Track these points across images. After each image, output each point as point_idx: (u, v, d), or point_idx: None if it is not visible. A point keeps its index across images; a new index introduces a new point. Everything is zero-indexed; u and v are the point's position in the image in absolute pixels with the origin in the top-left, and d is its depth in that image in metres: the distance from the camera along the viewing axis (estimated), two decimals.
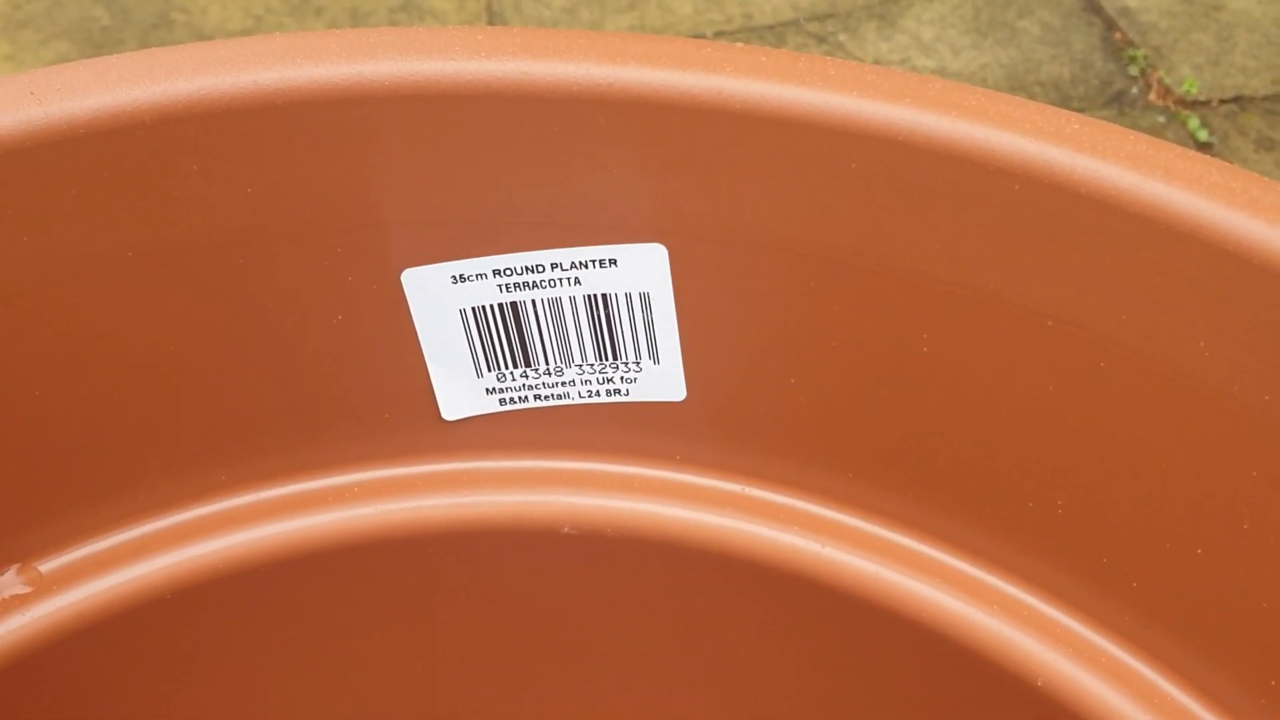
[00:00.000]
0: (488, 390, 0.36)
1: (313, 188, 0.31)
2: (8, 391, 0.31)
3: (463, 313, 0.34)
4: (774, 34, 1.32)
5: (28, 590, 0.35)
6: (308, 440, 0.36)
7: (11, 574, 0.35)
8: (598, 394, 0.36)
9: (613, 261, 0.33)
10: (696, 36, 1.33)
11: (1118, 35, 1.29)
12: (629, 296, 0.34)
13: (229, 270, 0.31)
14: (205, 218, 0.30)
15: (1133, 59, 1.26)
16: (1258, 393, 0.27)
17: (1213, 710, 0.33)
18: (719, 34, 1.33)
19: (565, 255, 0.33)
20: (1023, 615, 0.33)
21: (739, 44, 0.31)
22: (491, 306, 0.34)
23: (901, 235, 0.30)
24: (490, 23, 1.38)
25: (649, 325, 0.35)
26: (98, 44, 1.33)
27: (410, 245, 0.33)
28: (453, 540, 0.37)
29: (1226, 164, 0.28)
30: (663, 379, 0.36)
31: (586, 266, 0.33)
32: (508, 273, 0.33)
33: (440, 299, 0.34)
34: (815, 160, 0.29)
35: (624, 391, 0.36)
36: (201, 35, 1.35)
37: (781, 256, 0.31)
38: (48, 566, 0.35)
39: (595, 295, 0.34)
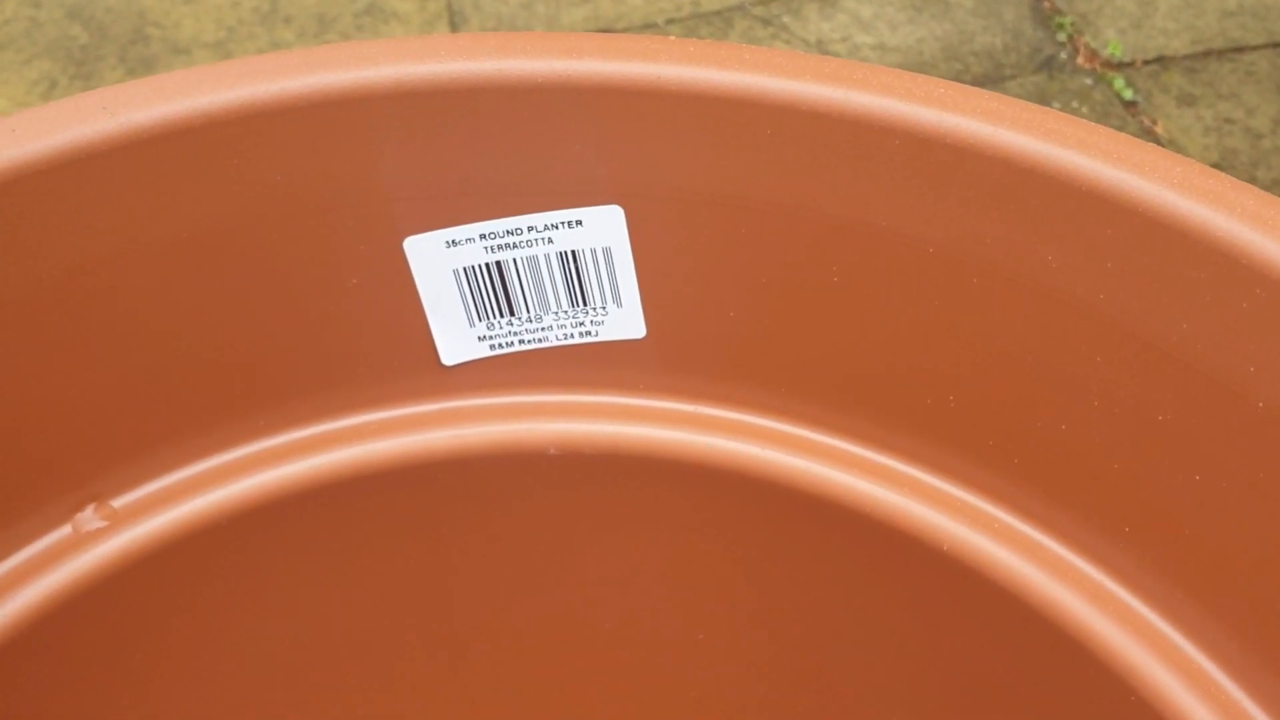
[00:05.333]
0: (479, 338, 0.42)
1: (329, 173, 0.37)
2: (84, 355, 0.38)
3: (456, 272, 0.40)
4: (721, 19, 1.38)
5: (104, 524, 0.40)
6: (330, 387, 0.42)
7: (90, 511, 0.40)
8: (572, 336, 0.42)
9: (579, 222, 0.39)
10: (648, 25, 1.40)
11: (1046, 4, 1.36)
12: (594, 251, 0.40)
13: (263, 245, 0.38)
14: (243, 203, 0.36)
15: (1060, 26, 1.33)
16: (1093, 291, 0.34)
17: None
18: (670, 21, 1.39)
19: (539, 219, 0.39)
20: (925, 492, 0.40)
21: (672, 37, 0.37)
22: (480, 266, 0.40)
23: (807, 185, 0.36)
24: (451, 20, 1.44)
25: (612, 275, 0.40)
26: (78, 61, 1.38)
27: (410, 217, 0.38)
28: (456, 466, 0.43)
29: (1064, 115, 0.35)
30: (625, 320, 0.42)
31: (557, 228, 0.39)
32: (492, 236, 0.39)
33: (437, 261, 0.40)
34: (737, 129, 0.35)
35: (593, 333, 0.42)
36: (177, 48, 1.40)
37: (715, 209, 0.38)
38: (120, 503, 0.41)
39: (566, 252, 0.40)
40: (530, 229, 0.39)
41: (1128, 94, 1.24)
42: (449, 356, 0.42)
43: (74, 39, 1.41)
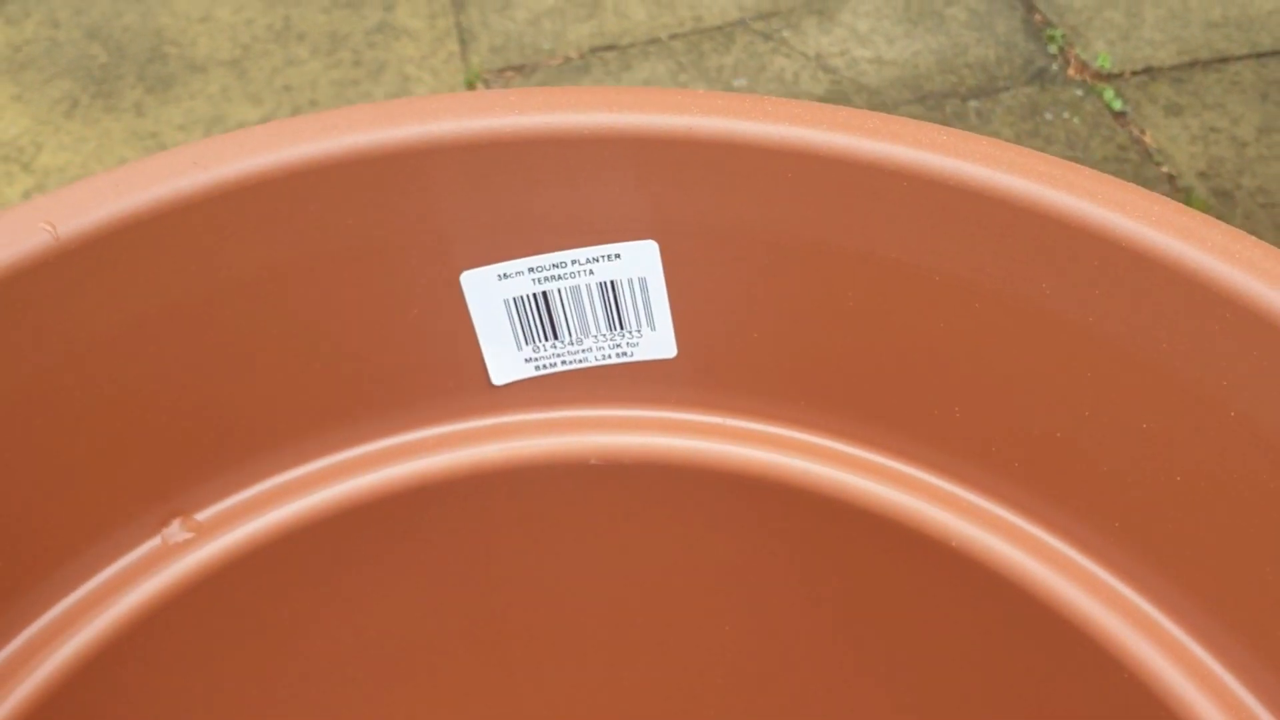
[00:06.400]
0: (526, 360, 0.45)
1: (396, 216, 0.40)
2: (173, 385, 0.42)
3: (506, 302, 0.43)
4: (723, 34, 1.42)
5: (190, 536, 0.44)
6: (392, 406, 0.46)
7: (176, 525, 0.44)
8: (610, 357, 0.45)
9: (617, 256, 0.42)
10: (652, 40, 1.44)
11: (1037, 17, 1.40)
12: (630, 281, 0.43)
13: (335, 280, 0.41)
14: (319, 244, 0.40)
15: (1051, 38, 1.37)
16: (1083, 315, 0.39)
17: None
18: (673, 36, 1.43)
19: (581, 253, 0.42)
20: (934, 494, 0.45)
21: (704, 90, 0.41)
22: (528, 295, 0.43)
23: (825, 222, 0.40)
24: (460, 37, 1.48)
25: (646, 302, 0.43)
26: (99, 80, 1.42)
27: (466, 254, 0.42)
28: (506, 476, 0.46)
29: (1057, 159, 0.39)
30: (658, 342, 0.45)
31: (598, 261, 0.42)
32: (539, 269, 0.42)
33: (489, 292, 0.43)
34: (761, 173, 0.39)
35: (629, 354, 0.45)
36: (194, 66, 1.44)
37: (741, 244, 0.41)
38: (203, 516, 0.44)
39: (605, 282, 0.43)
40: (574, 262, 0.43)
41: (1117, 104, 1.28)
42: (499, 377, 0.46)
43: (93, 58, 1.45)
